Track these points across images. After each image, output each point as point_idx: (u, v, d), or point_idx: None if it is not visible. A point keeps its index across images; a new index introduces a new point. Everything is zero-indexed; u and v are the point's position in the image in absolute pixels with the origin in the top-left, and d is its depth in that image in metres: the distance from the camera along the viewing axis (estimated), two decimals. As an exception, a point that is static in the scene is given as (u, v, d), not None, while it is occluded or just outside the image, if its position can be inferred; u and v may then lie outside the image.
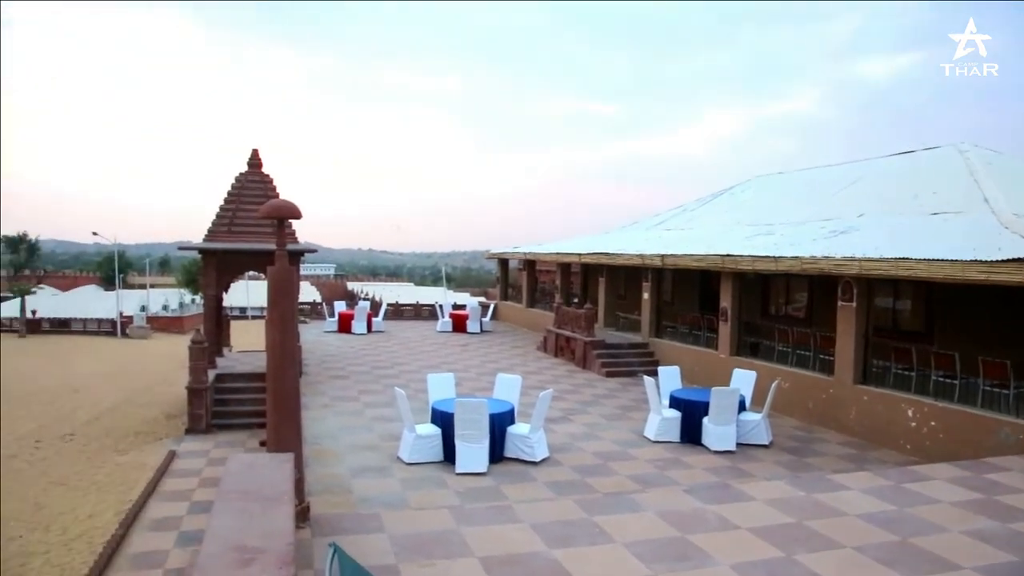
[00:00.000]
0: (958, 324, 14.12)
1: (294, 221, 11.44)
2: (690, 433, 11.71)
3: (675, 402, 12.15)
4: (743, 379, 12.73)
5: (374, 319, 27.30)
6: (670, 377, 13.02)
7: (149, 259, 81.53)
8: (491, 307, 31.08)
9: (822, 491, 7.97)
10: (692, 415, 11.71)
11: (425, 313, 32.74)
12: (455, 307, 30.33)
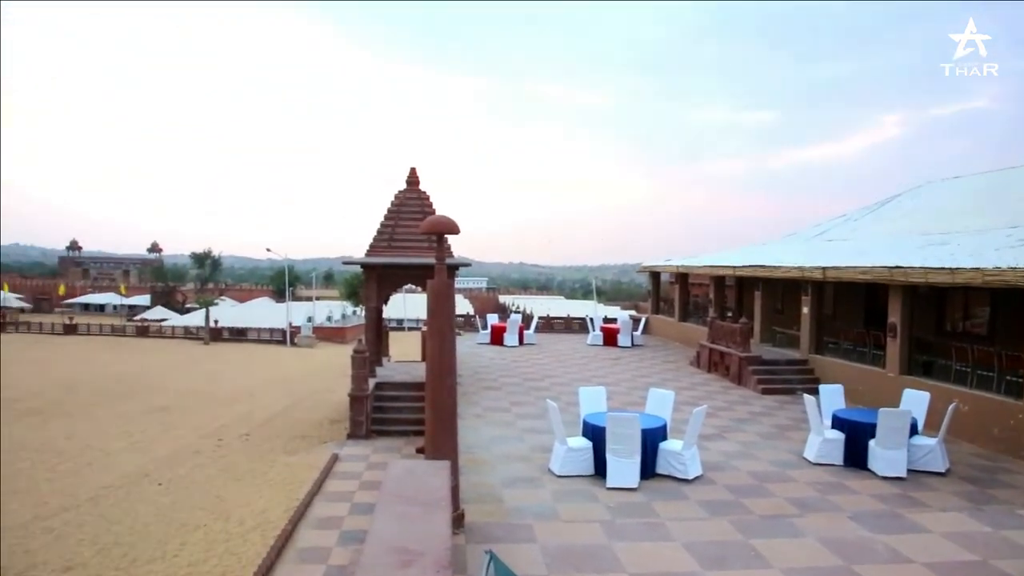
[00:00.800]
0: None
1: (450, 236, 11.88)
2: (854, 456, 11.01)
3: (838, 422, 11.47)
4: (914, 400, 11.81)
5: (525, 332, 27.68)
6: (832, 396, 12.33)
7: (315, 273, 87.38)
8: (642, 321, 30.72)
9: (1012, 528, 7.26)
10: (857, 437, 11.00)
11: (576, 326, 32.79)
12: (606, 320, 30.18)
